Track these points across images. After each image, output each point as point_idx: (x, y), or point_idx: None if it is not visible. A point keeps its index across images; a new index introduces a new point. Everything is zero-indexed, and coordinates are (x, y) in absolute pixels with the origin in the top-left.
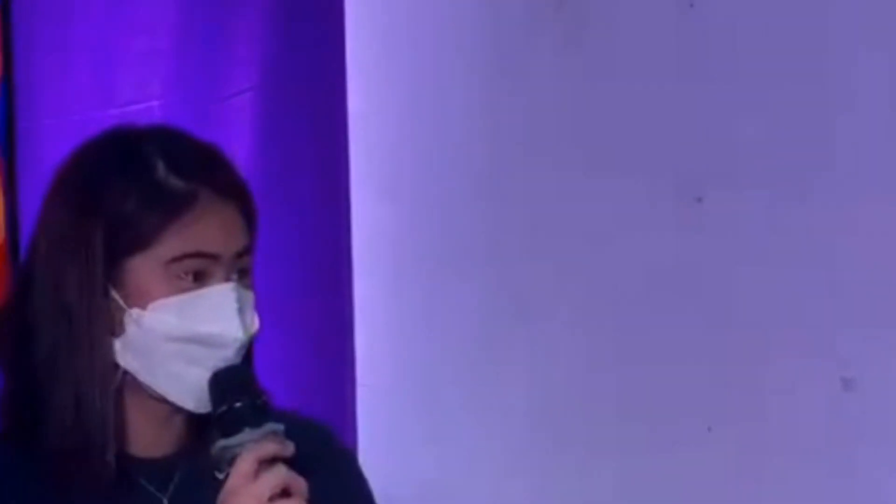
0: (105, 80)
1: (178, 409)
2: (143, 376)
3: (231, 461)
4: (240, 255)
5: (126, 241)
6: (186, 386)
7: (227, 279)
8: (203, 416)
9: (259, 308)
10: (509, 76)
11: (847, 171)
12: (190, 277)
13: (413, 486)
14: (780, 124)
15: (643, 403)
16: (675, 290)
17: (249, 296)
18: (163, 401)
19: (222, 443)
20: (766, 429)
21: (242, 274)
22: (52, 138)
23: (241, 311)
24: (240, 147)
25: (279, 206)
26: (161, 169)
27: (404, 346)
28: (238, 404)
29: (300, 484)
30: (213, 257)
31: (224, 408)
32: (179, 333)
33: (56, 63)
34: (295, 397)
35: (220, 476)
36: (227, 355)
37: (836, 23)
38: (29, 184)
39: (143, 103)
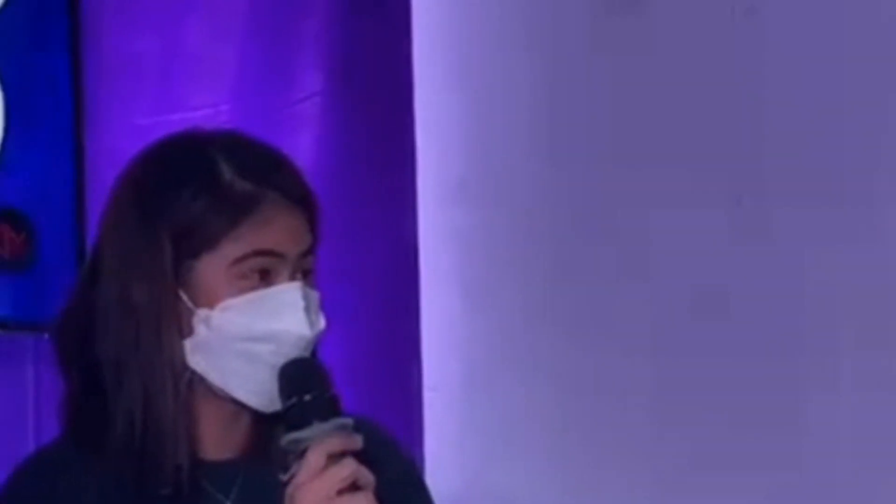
0: (173, 84)
1: (244, 410)
2: (213, 376)
3: (300, 455)
4: (304, 255)
5: (194, 242)
6: (255, 385)
7: (293, 278)
8: (267, 420)
9: (325, 311)
10: (571, 79)
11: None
12: (256, 276)
13: (479, 492)
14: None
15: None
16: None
17: (315, 295)
18: (231, 401)
19: (291, 436)
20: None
21: (306, 274)
22: (121, 143)
23: (307, 309)
24: (307, 151)
25: (346, 209)
26: (227, 172)
27: (471, 351)
28: (307, 397)
29: (369, 477)
30: (279, 256)
31: (293, 401)
32: (248, 332)
33: (124, 68)
34: (362, 402)
35: (284, 477)
36: (294, 353)
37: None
38: (98, 189)
39: (211, 108)
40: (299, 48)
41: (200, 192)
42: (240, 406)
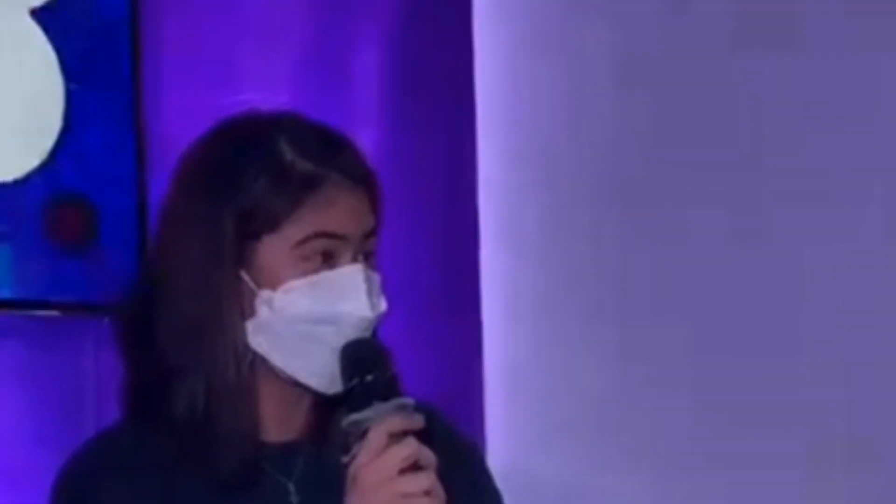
0: (233, 67)
1: (305, 392)
2: (274, 358)
3: (361, 436)
4: (366, 236)
5: (256, 224)
6: (316, 367)
7: (355, 260)
8: (328, 402)
9: (387, 292)
10: (637, 82)
11: None
12: (318, 258)
13: (535, 473)
14: None
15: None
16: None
17: (376, 277)
18: (292, 383)
19: (352, 417)
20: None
21: (368, 256)
22: (182, 126)
23: (369, 291)
24: (366, 128)
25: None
26: (288, 153)
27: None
28: (368, 378)
29: (431, 457)
30: (341, 238)
31: (354, 381)
32: (310, 314)
33: (185, 51)
34: (424, 390)
35: (346, 459)
36: (355, 334)
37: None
38: (159, 172)
39: (270, 92)
40: (358, 48)
41: (262, 173)
42: (301, 388)
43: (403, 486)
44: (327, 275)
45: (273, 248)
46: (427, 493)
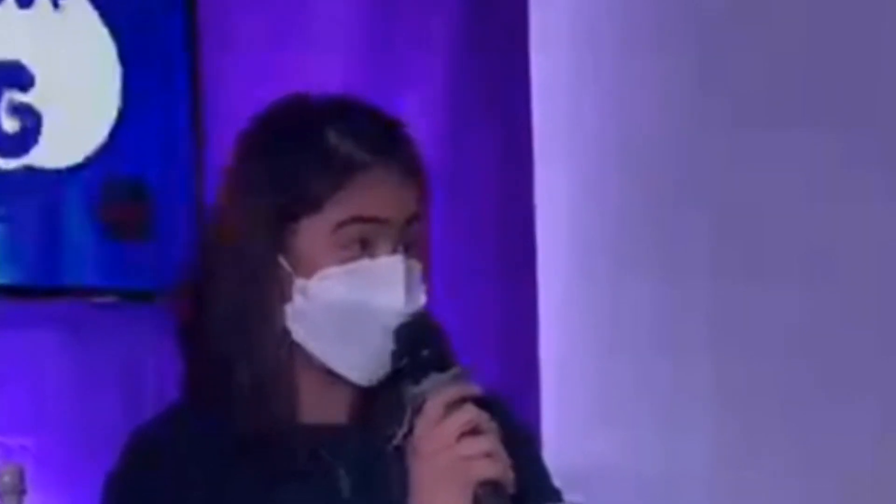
0: (290, 54)
1: (342, 381)
2: (310, 345)
3: (419, 409)
4: (409, 222)
5: (296, 205)
6: (351, 358)
7: (395, 250)
8: (375, 384)
9: (440, 287)
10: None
11: None
12: (357, 246)
13: (591, 461)
14: None
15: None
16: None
17: (417, 268)
18: (327, 371)
19: (411, 391)
20: None
21: (410, 246)
22: (238, 112)
23: (407, 284)
24: (421, 119)
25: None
26: (333, 135)
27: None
28: (424, 352)
29: (490, 423)
30: (382, 222)
31: (408, 359)
32: (345, 304)
33: (242, 38)
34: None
35: (402, 430)
36: (390, 326)
37: None
38: (215, 158)
39: (326, 79)
40: (417, 39)
41: (305, 153)
42: (336, 377)
43: (464, 450)
44: (365, 263)
45: (311, 233)
46: (488, 455)
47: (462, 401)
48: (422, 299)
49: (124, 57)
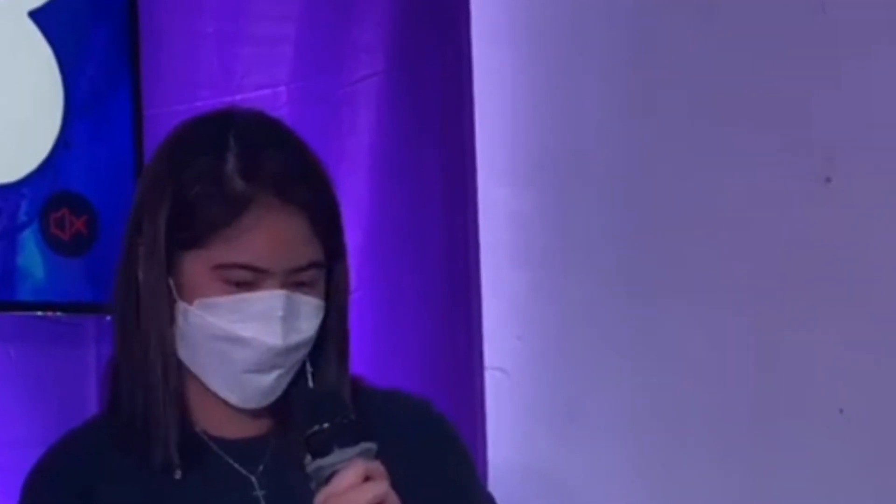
0: (232, 66)
1: None
2: (193, 368)
3: (325, 481)
4: (299, 270)
5: (183, 234)
6: (230, 383)
7: (280, 287)
8: (286, 398)
9: (386, 292)
10: (638, 58)
11: None
12: (236, 285)
13: (541, 473)
14: None
15: (773, 387)
16: (805, 272)
17: (305, 303)
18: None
19: (317, 462)
20: None
21: (304, 285)
22: None
23: (285, 318)
24: (366, 132)
25: (405, 190)
26: (231, 164)
27: (532, 330)
28: (326, 425)
29: (380, 470)
30: (263, 272)
31: (314, 429)
32: (221, 333)
33: (183, 50)
34: (423, 383)
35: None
36: (263, 358)
37: None
38: None
39: (270, 89)
40: (358, 28)
41: (201, 178)
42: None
43: None
44: (243, 297)
45: (195, 263)
46: None
47: (373, 476)
48: (305, 334)
49: (66, 73)
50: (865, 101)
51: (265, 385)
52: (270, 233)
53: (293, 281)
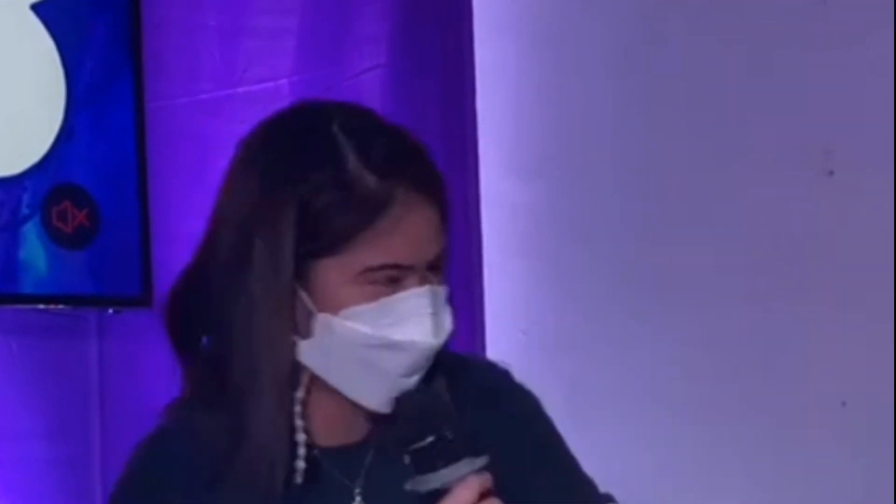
0: (234, 59)
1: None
2: (329, 377)
3: (433, 496)
4: (435, 260)
5: (317, 242)
6: (372, 390)
7: (422, 282)
8: (384, 420)
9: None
10: (640, 51)
11: None
12: (383, 285)
13: None
14: None
15: (776, 379)
16: (807, 265)
17: (443, 293)
18: (345, 398)
19: (423, 477)
20: None
21: (436, 268)
22: (183, 118)
23: (434, 314)
24: None
25: None
26: (353, 160)
27: (534, 318)
28: (430, 439)
29: (490, 483)
30: (407, 269)
31: (419, 444)
32: (372, 341)
33: (185, 43)
34: None
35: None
36: (418, 361)
37: None
38: (159, 164)
39: (272, 82)
40: (360, 21)
41: (326, 185)
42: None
43: None
44: (391, 300)
45: (334, 271)
46: None
47: (488, 492)
48: (449, 325)
49: (68, 66)
50: (866, 94)
51: (407, 388)
52: (412, 227)
53: (428, 273)
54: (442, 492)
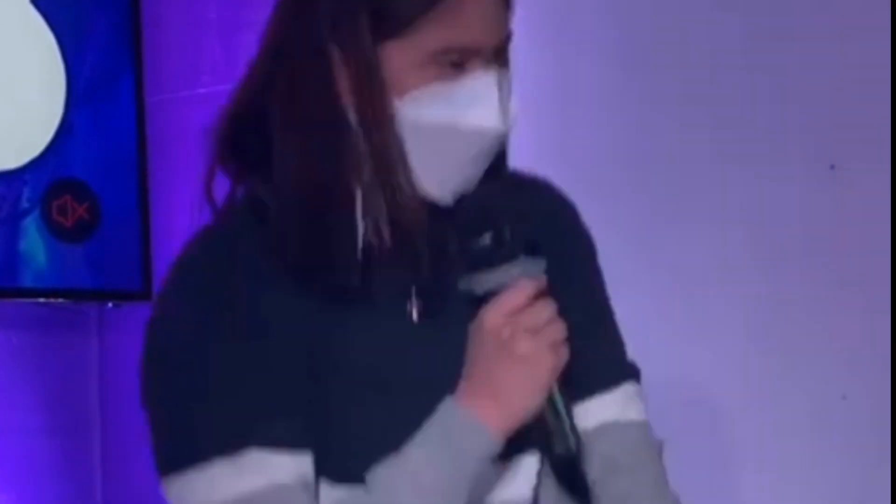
0: (234, 53)
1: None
2: None
3: (484, 297)
4: (502, 43)
5: (385, 24)
6: (437, 175)
7: (488, 67)
8: (442, 215)
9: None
10: (640, 47)
11: None
12: (449, 68)
13: None
14: None
15: (777, 373)
16: (810, 259)
17: (509, 78)
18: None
19: (477, 276)
20: None
21: (501, 53)
22: (183, 113)
23: (501, 100)
24: None
25: None
26: None
27: None
28: (488, 235)
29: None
30: (475, 51)
31: (484, 242)
32: (438, 124)
33: (185, 37)
34: None
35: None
36: (483, 146)
37: None
38: (159, 158)
39: None
40: None
41: None
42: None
43: (550, 336)
44: (458, 83)
45: (400, 53)
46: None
47: (542, 295)
48: (514, 110)
49: (68, 61)
50: (871, 87)
51: (471, 177)
52: (477, 9)
53: (495, 56)
54: (495, 293)
